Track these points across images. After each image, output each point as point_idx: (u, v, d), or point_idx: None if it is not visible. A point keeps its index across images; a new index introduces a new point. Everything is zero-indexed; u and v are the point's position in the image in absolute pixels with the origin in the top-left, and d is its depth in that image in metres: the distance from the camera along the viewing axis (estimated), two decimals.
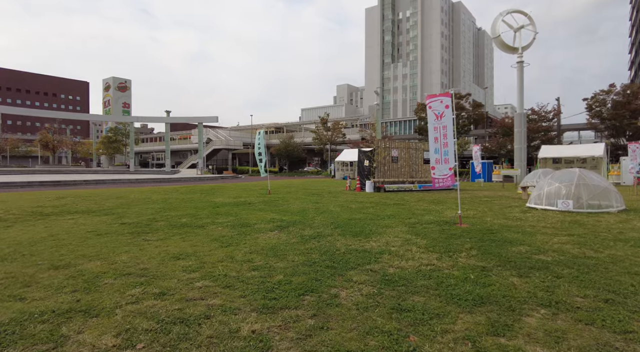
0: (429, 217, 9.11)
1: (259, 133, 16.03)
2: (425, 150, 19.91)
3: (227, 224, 8.10)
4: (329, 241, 6.28)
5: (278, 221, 8.54)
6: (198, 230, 7.46)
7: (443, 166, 7.77)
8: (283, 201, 12.99)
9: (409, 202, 12.61)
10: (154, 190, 19.38)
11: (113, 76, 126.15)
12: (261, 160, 15.99)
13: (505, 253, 5.38)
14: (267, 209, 10.67)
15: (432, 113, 7.73)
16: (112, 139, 53.68)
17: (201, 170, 44.78)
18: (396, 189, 18.07)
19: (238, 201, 13.04)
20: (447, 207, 11.07)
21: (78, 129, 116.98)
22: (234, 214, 9.63)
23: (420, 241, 6.29)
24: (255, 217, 9.05)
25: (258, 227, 7.76)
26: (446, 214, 9.71)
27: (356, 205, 11.80)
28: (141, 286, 4.07)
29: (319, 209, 10.79)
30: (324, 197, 14.81)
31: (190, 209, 10.76)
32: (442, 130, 7.74)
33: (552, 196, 9.97)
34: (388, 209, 10.65)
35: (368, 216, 9.35)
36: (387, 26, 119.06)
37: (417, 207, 11.09)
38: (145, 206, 11.77)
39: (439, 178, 7.84)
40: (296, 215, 9.47)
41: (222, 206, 11.73)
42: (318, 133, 56.44)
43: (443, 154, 7.75)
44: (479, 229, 7.36)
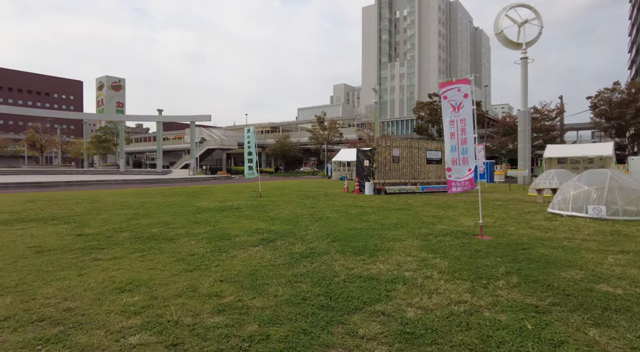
0: (442, 226, 7.83)
1: (248, 130, 14.68)
2: (428, 149, 18.65)
3: (203, 237, 6.78)
4: (325, 262, 4.98)
5: (265, 231, 7.22)
6: (166, 245, 6.13)
7: (461, 167, 6.48)
8: (274, 206, 11.67)
9: (414, 207, 11.32)
10: (137, 192, 18.01)
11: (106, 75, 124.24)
12: (251, 160, 14.66)
13: (556, 281, 4.09)
14: (254, 216, 9.34)
15: (448, 104, 6.45)
16: (102, 139, 52.08)
17: (193, 170, 43.33)
18: (397, 191, 16.79)
19: (224, 206, 11.70)
20: (460, 214, 9.79)
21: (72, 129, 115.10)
22: (214, 223, 8.30)
23: (440, 261, 5.00)
24: (238, 227, 7.72)
25: (239, 240, 6.43)
26: (461, 221, 8.43)
27: (356, 210, 10.50)
28: (47, 343, 2.75)
29: (313, 215, 9.48)
30: (320, 200, 13.49)
31: (167, 216, 9.42)
32: (459, 124, 6.46)
33: (580, 201, 8.72)
34: (392, 216, 9.35)
35: (370, 224, 8.05)
36: (384, 25, 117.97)
37: (425, 213, 9.80)
38: (117, 211, 10.42)
39: (457, 181, 6.56)
40: (287, 223, 8.15)
41: (205, 211, 10.39)
42: (314, 132, 55.09)
43: (461, 152, 6.47)
44: (506, 243, 6.08)
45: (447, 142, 6.50)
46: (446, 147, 6.50)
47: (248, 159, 14.73)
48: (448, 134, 6.49)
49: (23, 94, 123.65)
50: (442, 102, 6.48)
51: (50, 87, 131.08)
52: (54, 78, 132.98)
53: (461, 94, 6.46)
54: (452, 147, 6.49)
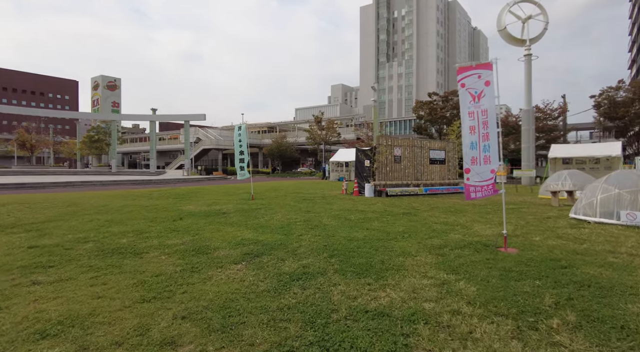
0: (456, 235, 6.81)
1: (239, 128, 13.63)
2: (431, 148, 17.66)
3: (177, 249, 5.74)
4: (321, 287, 3.95)
5: (251, 242, 6.18)
6: (130, 260, 5.09)
7: (482, 168, 5.47)
8: (266, 210, 10.63)
9: (420, 212, 10.30)
10: (123, 194, 16.93)
11: (102, 75, 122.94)
12: (242, 160, 13.59)
13: (630, 320, 3.08)
14: (242, 223, 8.30)
15: (467, 93, 5.43)
16: (94, 139, 50.81)
17: (187, 171, 42.20)
18: (400, 193, 15.78)
19: (211, 210, 10.65)
20: (472, 220, 8.77)
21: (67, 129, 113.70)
22: (195, 231, 7.25)
23: (465, 285, 3.97)
24: (221, 237, 6.68)
25: (219, 255, 5.40)
26: (476, 230, 7.41)
27: (356, 216, 9.47)
28: None
29: (309, 221, 8.44)
30: (317, 203, 12.46)
31: (144, 222, 8.37)
32: (480, 116, 5.44)
33: (609, 205, 7.73)
34: (398, 222, 8.33)
35: (373, 233, 7.02)
36: (382, 25, 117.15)
37: (434, 220, 8.78)
38: (91, 216, 9.36)
39: (477, 185, 5.53)
40: (278, 232, 7.11)
41: (188, 216, 9.34)
42: (312, 132, 54.04)
43: (482, 149, 5.45)
44: (538, 258, 5.07)
45: (465, 138, 5.48)
46: (465, 144, 5.48)
47: (240, 159, 13.67)
48: (467, 128, 5.47)
49: (17, 94, 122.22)
50: (459, 90, 5.46)
51: (45, 86, 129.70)
52: (49, 78, 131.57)
53: (482, 81, 5.45)
54: (471, 143, 5.47)
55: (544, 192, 14.76)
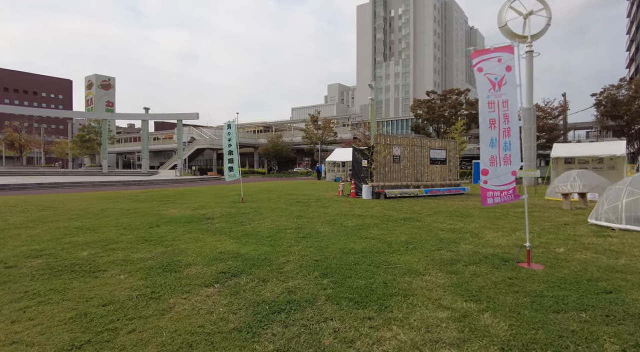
0: (467, 246, 5.95)
1: (228, 126, 12.72)
2: (431, 147, 16.81)
3: (142, 266, 4.85)
4: (308, 324, 3.07)
5: (231, 256, 5.30)
6: (79, 282, 4.20)
7: (503, 169, 4.61)
8: (255, 215, 9.74)
9: (423, 216, 9.44)
10: (107, 196, 15.98)
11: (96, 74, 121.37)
12: (232, 160, 12.68)
13: None
14: (225, 230, 7.40)
15: (485, 79, 4.57)
16: (85, 138, 49.58)
17: (180, 171, 41.19)
18: (399, 194, 14.92)
19: (194, 215, 9.75)
20: (481, 226, 7.92)
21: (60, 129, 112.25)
22: (170, 241, 6.36)
23: (492, 319, 3.11)
24: (197, 249, 5.79)
25: (190, 274, 4.51)
26: (488, 239, 6.55)
27: (353, 221, 8.60)
28: None
29: (300, 229, 7.57)
30: (311, 207, 11.58)
31: (116, 230, 7.46)
32: (501, 107, 4.59)
33: (637, 210, 6.90)
34: (399, 230, 7.46)
35: (373, 244, 6.15)
36: (379, 24, 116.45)
37: (439, 226, 7.92)
38: (61, 223, 8.45)
39: (495, 190, 4.67)
40: (264, 243, 6.23)
41: (168, 223, 8.44)
42: (308, 131, 53.13)
43: (502, 147, 4.60)
44: (572, 278, 4.22)
45: (484, 134, 4.61)
46: (483, 141, 4.62)
47: (229, 158, 12.76)
48: (486, 122, 4.60)
49: (9, 93, 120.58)
50: (476, 76, 4.60)
51: (38, 86, 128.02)
52: (42, 77, 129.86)
53: (502, 66, 4.60)
54: (490, 140, 4.60)
55: (551, 193, 13.96)
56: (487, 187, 4.68)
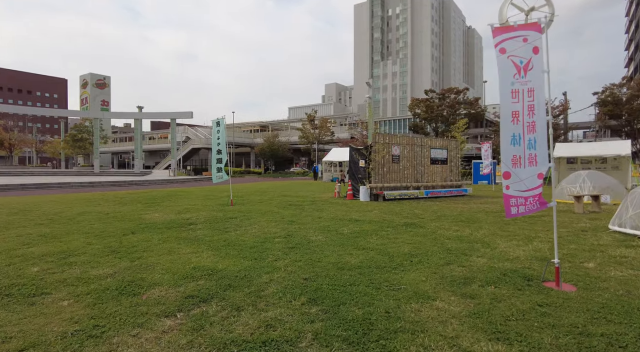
0: (480, 259, 5.18)
1: (217, 123, 11.89)
2: (432, 146, 16.05)
3: (97, 286, 4.05)
4: None
5: (205, 274, 4.50)
6: (8, 313, 3.39)
7: (527, 172, 3.83)
8: (243, 219, 8.94)
9: (425, 222, 8.66)
10: (90, 198, 15.12)
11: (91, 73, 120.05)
12: (220, 160, 11.85)
13: None
14: (205, 239, 6.60)
15: (509, 62, 3.78)
16: (76, 137, 48.54)
17: (174, 171, 40.28)
18: (398, 196, 14.16)
19: (177, 220, 8.94)
20: (492, 234, 7.15)
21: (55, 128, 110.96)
22: (140, 253, 5.55)
23: None
24: (168, 263, 4.99)
25: (151, 298, 3.71)
26: (502, 249, 5.78)
27: (350, 227, 7.81)
28: None
29: (291, 236, 6.77)
30: (304, 210, 10.79)
31: (84, 238, 6.65)
32: (525, 97, 3.81)
33: None
34: (401, 238, 6.68)
35: (372, 256, 5.37)
36: (377, 23, 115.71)
37: (445, 233, 7.15)
38: (26, 229, 7.63)
39: (519, 197, 3.87)
40: (246, 255, 5.43)
41: (145, 229, 7.63)
42: (304, 131, 52.32)
43: (527, 145, 3.82)
44: (617, 305, 3.45)
45: (506, 129, 3.82)
46: (504, 137, 3.82)
47: (217, 158, 11.94)
48: (508, 115, 3.81)
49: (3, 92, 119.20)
50: (497, 59, 3.82)
51: (33, 85, 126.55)
52: (37, 76, 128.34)
53: (528, 47, 3.83)
54: (513, 137, 3.82)
55: (559, 195, 13.22)
56: (510, 193, 3.88)
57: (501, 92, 3.85)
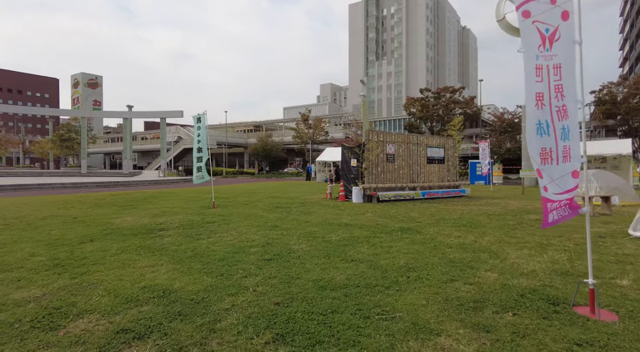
0: (489, 273, 4.36)
1: (198, 119, 11.01)
2: (428, 145, 15.26)
3: (10, 316, 3.17)
4: None
5: (154, 296, 3.64)
6: None
7: (559, 169, 3.00)
8: (221, 224, 8.07)
9: (423, 226, 7.84)
10: (65, 200, 14.16)
11: (82, 72, 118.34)
12: (200, 159, 10.97)
13: None
14: (171, 249, 5.73)
15: (534, 29, 2.95)
16: (64, 137, 47.28)
17: (164, 172, 39.22)
18: (393, 197, 13.35)
19: (148, 225, 8.06)
20: (498, 240, 6.34)
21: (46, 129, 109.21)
22: (88, 266, 4.68)
23: None
24: (115, 281, 4.12)
25: (73, 333, 2.85)
26: (512, 259, 4.97)
27: (339, 234, 6.97)
28: None
29: (270, 245, 5.92)
30: (291, 213, 9.93)
31: (29, 248, 5.74)
32: (551, 75, 2.99)
33: None
34: (396, 246, 5.85)
35: (362, 272, 4.53)
36: (372, 23, 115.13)
37: (445, 240, 6.32)
38: None
39: (555, 201, 3.02)
40: (212, 270, 4.57)
41: (108, 236, 6.74)
42: (298, 131, 51.42)
43: (561, 135, 3.00)
44: None
45: (529, 115, 2.97)
46: (528, 125, 2.97)
47: (197, 157, 11.05)
48: (531, 97, 2.97)
49: None
50: (520, 25, 2.99)
51: (23, 84, 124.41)
52: (28, 75, 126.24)
53: (556, 12, 3.01)
54: (538, 125, 2.99)
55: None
56: (549, 196, 3.05)
57: (525, 68, 3.02)
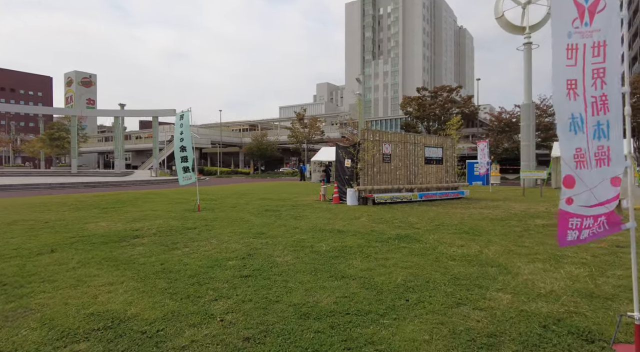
0: (501, 293, 3.73)
1: (180, 117, 10.33)
2: (426, 145, 14.65)
3: None
4: None
5: (99, 328, 2.98)
6: None
7: (594, 174, 2.40)
8: (202, 231, 7.40)
9: (422, 233, 7.21)
10: (43, 202, 13.42)
11: (75, 70, 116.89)
12: (185, 158, 10.29)
13: None
14: (139, 261, 5.06)
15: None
16: (54, 136, 46.31)
17: (156, 171, 38.41)
18: (390, 200, 12.73)
19: (122, 231, 7.37)
20: (505, 250, 5.72)
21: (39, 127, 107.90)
22: (34, 285, 4.00)
23: None
24: (57, 306, 3.45)
25: None
26: (526, 275, 4.35)
27: (329, 243, 6.32)
28: None
29: (251, 256, 5.27)
30: (281, 217, 9.28)
31: None
32: (588, 56, 2.38)
33: None
34: (393, 259, 5.21)
35: (353, 293, 3.88)
36: (368, 22, 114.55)
37: (447, 251, 5.69)
38: None
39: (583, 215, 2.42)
40: (177, 291, 3.91)
41: (72, 245, 6.06)
42: (294, 130, 50.73)
43: (594, 133, 2.40)
44: None
45: (560, 108, 2.29)
46: (558, 120, 2.32)
47: (181, 157, 10.36)
48: (562, 86, 2.34)
49: None
50: None
51: (16, 83, 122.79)
52: (21, 73, 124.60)
53: None
54: (572, 120, 2.36)
55: None
56: (571, 209, 2.43)
57: (554, 50, 2.39)
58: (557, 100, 2.43)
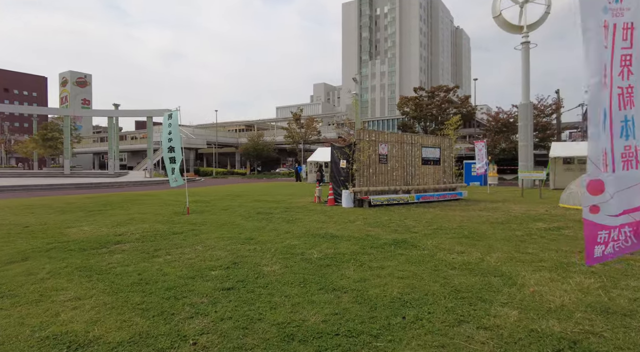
0: (507, 309, 3.38)
1: (169, 116, 9.94)
2: (423, 145, 14.31)
3: None
4: None
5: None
6: None
7: (623, 178, 2.06)
8: (187, 236, 7.02)
9: (419, 238, 6.86)
10: (27, 204, 12.99)
11: (70, 70, 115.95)
12: (173, 159, 9.90)
13: None
14: (115, 272, 4.68)
15: None
16: (46, 136, 45.69)
17: (150, 172, 37.92)
18: (386, 202, 12.38)
19: (104, 236, 6.98)
20: (509, 258, 5.38)
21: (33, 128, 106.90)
22: None
23: None
24: (12, 327, 3.06)
25: None
26: (532, 286, 4.00)
27: (322, 250, 5.95)
28: None
29: (236, 265, 4.90)
30: (272, 221, 8.91)
31: None
32: (618, 38, 2.05)
33: None
34: (388, 268, 4.86)
35: (344, 310, 3.52)
36: (365, 22, 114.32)
37: (446, 258, 5.34)
38: None
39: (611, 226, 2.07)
40: (149, 307, 3.53)
41: (47, 252, 5.67)
42: (290, 130, 50.34)
43: (619, 130, 2.06)
44: None
45: (593, 99, 2.02)
46: (590, 113, 2.02)
47: (169, 157, 9.97)
48: (597, 71, 1.99)
49: None
50: None
51: (10, 83, 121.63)
52: (15, 73, 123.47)
53: None
54: (603, 113, 2.03)
55: (569, 200, 11.63)
56: (597, 219, 2.08)
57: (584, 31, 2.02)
58: (593, 90, 2.07)
